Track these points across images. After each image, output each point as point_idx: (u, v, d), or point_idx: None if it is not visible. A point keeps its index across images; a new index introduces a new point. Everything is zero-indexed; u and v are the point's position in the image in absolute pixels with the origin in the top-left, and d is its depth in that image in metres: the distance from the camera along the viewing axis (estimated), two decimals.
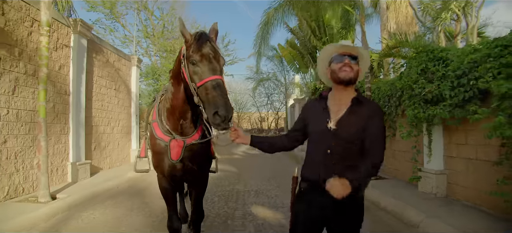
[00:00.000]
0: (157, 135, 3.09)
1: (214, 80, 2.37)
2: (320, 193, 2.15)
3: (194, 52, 2.47)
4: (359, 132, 2.17)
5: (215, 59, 2.49)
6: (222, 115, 2.24)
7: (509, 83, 3.88)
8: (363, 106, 2.22)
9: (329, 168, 2.16)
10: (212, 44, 2.54)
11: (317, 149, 2.29)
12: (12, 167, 6.23)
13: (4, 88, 6.05)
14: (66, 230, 4.94)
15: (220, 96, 2.30)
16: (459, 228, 4.35)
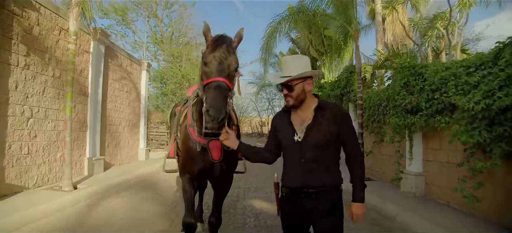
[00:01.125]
0: (194, 139, 3.08)
1: (217, 81, 2.45)
2: (302, 199, 2.30)
3: (208, 53, 2.60)
4: (328, 136, 2.26)
5: (225, 62, 2.55)
6: (211, 115, 2.31)
7: (464, 98, 4.69)
8: (326, 111, 2.32)
9: (307, 174, 2.27)
10: (226, 47, 2.60)
11: (292, 159, 2.36)
12: (40, 159, 7.04)
13: (36, 89, 6.86)
14: (90, 214, 5.71)
15: (216, 98, 2.37)
16: (429, 219, 5.12)
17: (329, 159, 2.30)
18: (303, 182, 2.28)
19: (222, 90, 2.41)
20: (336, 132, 2.26)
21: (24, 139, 6.56)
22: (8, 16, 6.07)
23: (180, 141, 3.46)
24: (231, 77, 2.59)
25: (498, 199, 4.81)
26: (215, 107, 2.31)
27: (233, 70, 2.59)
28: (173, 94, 15.75)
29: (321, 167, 2.26)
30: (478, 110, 4.47)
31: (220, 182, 3.49)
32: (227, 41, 2.65)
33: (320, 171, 2.26)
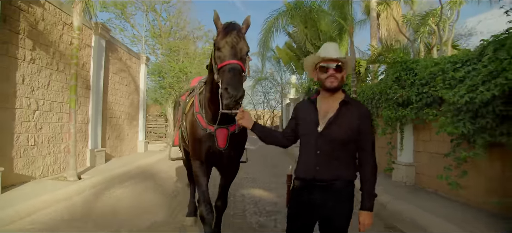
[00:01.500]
0: (202, 125, 3.20)
1: (232, 63, 2.55)
2: (312, 192, 2.30)
3: (220, 39, 2.70)
4: (349, 133, 2.25)
5: (237, 46, 2.66)
6: (230, 93, 2.39)
7: (451, 92, 5.00)
8: (351, 107, 2.31)
9: (319, 167, 2.26)
10: (237, 33, 2.71)
11: (308, 150, 2.34)
12: (46, 150, 7.29)
13: (41, 82, 7.10)
14: (96, 202, 5.99)
15: (233, 77, 2.46)
16: (417, 205, 5.45)
17: (345, 155, 2.28)
18: (315, 174, 2.28)
19: (237, 71, 2.53)
20: (357, 130, 2.25)
21: (31, 131, 6.80)
22: (15, 11, 6.29)
23: (188, 128, 3.56)
24: (243, 60, 2.70)
25: (480, 187, 5.15)
26: (232, 85, 2.40)
27: (244, 53, 2.72)
28: (171, 87, 15.96)
29: (335, 161, 2.26)
30: (463, 103, 4.78)
31: (227, 168, 3.60)
32: (237, 28, 2.77)
33: (333, 165, 2.26)
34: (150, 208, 5.63)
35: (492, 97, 4.33)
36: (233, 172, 3.70)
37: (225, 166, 3.55)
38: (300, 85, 22.68)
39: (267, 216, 5.08)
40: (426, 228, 4.62)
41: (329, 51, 2.29)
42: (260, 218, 5.00)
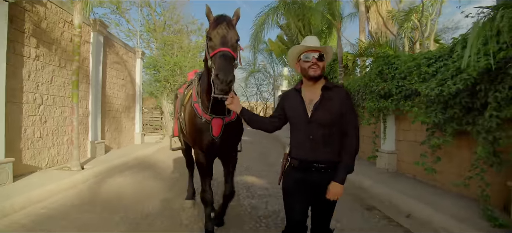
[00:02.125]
0: (199, 114, 3.38)
1: (222, 51, 2.75)
2: (308, 170, 2.51)
3: (211, 30, 2.92)
4: (334, 115, 2.45)
5: (227, 35, 2.86)
6: (221, 78, 2.59)
7: (423, 85, 5.53)
8: (333, 91, 2.50)
9: (314, 150, 2.48)
10: (227, 24, 2.91)
11: (302, 136, 2.54)
12: (50, 142, 7.71)
13: (45, 78, 7.49)
14: (101, 190, 6.44)
15: (223, 63, 2.66)
16: (395, 189, 5.99)
17: (334, 138, 2.47)
18: (311, 156, 2.48)
19: (228, 58, 2.73)
20: (340, 112, 2.45)
21: (36, 124, 7.22)
22: (21, 12, 6.66)
23: (186, 118, 3.79)
24: (234, 48, 2.89)
25: (451, 171, 5.70)
26: (223, 70, 2.61)
27: (234, 42, 2.91)
28: (166, 80, 16.33)
29: (328, 144, 2.46)
30: (434, 96, 5.30)
31: (226, 156, 3.86)
32: (227, 19, 2.97)
33: (328, 149, 2.46)
34: (152, 194, 6.09)
35: (458, 90, 4.86)
36: (231, 160, 3.91)
37: (223, 155, 3.82)
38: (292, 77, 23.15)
39: (259, 199, 5.58)
40: (400, 207, 5.17)
41: (311, 42, 2.54)
42: (252, 201, 5.50)
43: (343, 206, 5.40)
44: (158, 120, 17.44)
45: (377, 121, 8.06)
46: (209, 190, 3.81)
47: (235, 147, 3.90)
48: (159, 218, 4.69)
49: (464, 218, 4.37)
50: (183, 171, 8.25)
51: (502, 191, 4.51)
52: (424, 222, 4.54)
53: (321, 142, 2.46)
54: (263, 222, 4.53)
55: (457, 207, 4.87)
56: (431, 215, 4.62)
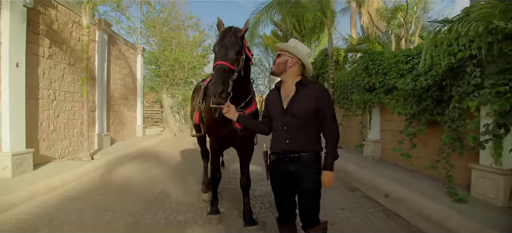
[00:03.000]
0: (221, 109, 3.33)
1: (218, 64, 2.91)
2: (285, 162, 2.64)
3: (215, 44, 3.12)
4: (308, 108, 2.58)
5: (225, 48, 2.99)
6: (211, 91, 2.81)
7: (400, 80, 6.22)
8: (308, 87, 2.64)
9: (288, 141, 2.61)
10: (229, 37, 3.06)
11: (277, 127, 2.70)
12: (62, 134, 8.36)
13: (57, 75, 8.12)
14: (112, 176, 7.10)
15: (215, 77, 2.84)
16: (378, 173, 6.69)
17: (309, 129, 2.61)
18: (285, 147, 2.63)
19: (221, 71, 2.87)
20: (315, 106, 2.59)
21: (50, 118, 7.86)
22: (36, 15, 7.27)
23: (207, 111, 4.01)
24: (233, 60, 2.99)
25: (426, 156, 6.40)
26: (213, 84, 2.80)
27: (234, 55, 2.99)
28: (166, 75, 16.95)
29: (300, 135, 2.60)
30: (409, 89, 5.99)
31: (243, 147, 4.07)
32: (232, 32, 3.11)
33: (301, 139, 2.60)
34: (158, 179, 6.76)
35: (429, 85, 5.55)
36: (249, 150, 4.14)
37: (241, 145, 4.03)
38: None
39: (255, 183, 6.23)
40: (380, 188, 5.88)
41: (279, 46, 2.83)
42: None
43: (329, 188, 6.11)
44: (159, 114, 18.10)
45: (364, 113, 8.76)
46: (219, 170, 4.24)
47: (252, 137, 4.07)
48: (167, 197, 5.37)
49: (432, 195, 5.06)
50: (183, 160, 8.96)
51: (465, 173, 5.21)
52: (399, 200, 5.23)
53: (295, 133, 2.60)
54: (258, 201, 5.22)
55: (428, 187, 5.56)
56: (405, 194, 5.32)
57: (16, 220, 4.27)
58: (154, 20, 18.03)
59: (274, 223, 3.95)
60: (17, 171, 6.17)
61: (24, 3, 6.40)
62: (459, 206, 4.49)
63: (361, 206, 5.15)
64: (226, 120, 3.34)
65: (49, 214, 4.55)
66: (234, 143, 4.00)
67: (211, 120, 3.85)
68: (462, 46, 4.70)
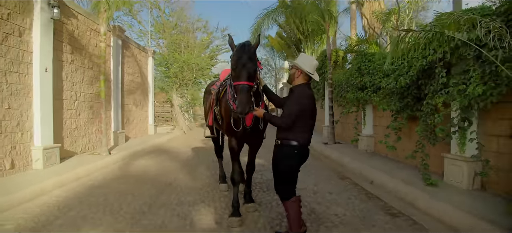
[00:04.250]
0: (234, 109, 3.85)
1: (241, 85, 3.39)
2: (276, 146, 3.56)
3: (234, 61, 3.50)
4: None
5: (245, 68, 3.42)
6: (238, 110, 3.31)
7: (384, 80, 6.94)
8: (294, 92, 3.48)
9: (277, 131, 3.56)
10: (247, 55, 3.47)
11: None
12: (83, 132, 9.23)
13: (78, 78, 8.99)
14: (129, 168, 7.93)
15: (241, 99, 3.32)
16: (368, 164, 7.41)
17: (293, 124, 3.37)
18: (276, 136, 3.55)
19: (245, 92, 3.35)
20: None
21: (73, 117, 8.74)
22: (60, 25, 8.12)
23: (223, 112, 4.48)
24: (253, 77, 3.50)
25: (410, 148, 7.10)
26: (241, 104, 3.30)
27: (253, 71, 3.49)
28: (175, 76, 17.82)
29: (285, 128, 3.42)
30: (391, 88, 6.72)
31: (254, 140, 4.55)
32: (247, 50, 3.52)
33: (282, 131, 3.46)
34: (170, 170, 7.59)
35: (408, 84, 6.28)
36: (258, 144, 4.66)
37: (252, 139, 4.50)
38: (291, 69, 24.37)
39: (256, 173, 7.01)
40: (367, 177, 6.61)
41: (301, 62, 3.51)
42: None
43: (322, 176, 6.88)
44: (169, 113, 18.99)
45: (358, 110, 9.50)
46: (238, 170, 4.48)
47: (261, 135, 4.51)
48: (179, 184, 6.18)
49: (410, 181, 5.77)
50: (192, 155, 9.78)
51: (440, 161, 5.92)
52: (381, 186, 5.98)
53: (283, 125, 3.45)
54: (258, 186, 6.00)
55: (408, 175, 6.27)
56: (387, 181, 6.05)
57: (50, 203, 5.07)
58: (163, 23, 18.88)
59: (269, 205, 4.92)
60: (47, 163, 7.03)
61: (52, 16, 7.25)
62: (429, 189, 5.20)
63: (347, 190, 5.87)
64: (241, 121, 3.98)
65: (78, 197, 5.38)
66: (248, 139, 4.42)
67: (230, 120, 4.18)
68: (431, 50, 5.41)
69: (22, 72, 6.66)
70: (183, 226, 4.09)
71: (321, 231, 3.88)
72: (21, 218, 4.36)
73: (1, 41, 6.13)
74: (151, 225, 4.12)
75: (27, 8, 6.82)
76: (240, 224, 4.11)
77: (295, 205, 3.39)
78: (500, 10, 4.48)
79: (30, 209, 4.73)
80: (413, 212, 4.59)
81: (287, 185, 3.47)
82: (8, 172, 6.22)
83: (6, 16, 6.25)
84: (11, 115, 6.37)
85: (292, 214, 3.38)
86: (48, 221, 4.26)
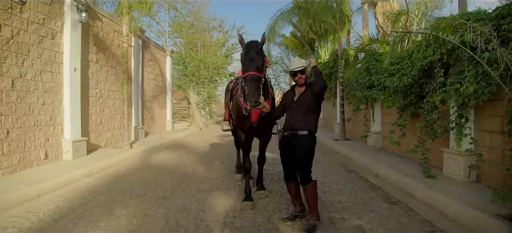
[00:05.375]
0: (242, 105, 4.29)
1: (250, 74, 3.66)
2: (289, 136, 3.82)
3: (243, 56, 3.83)
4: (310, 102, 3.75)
5: (253, 60, 3.72)
6: (250, 99, 3.55)
7: (389, 79, 7.33)
8: (312, 86, 3.76)
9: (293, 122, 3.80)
10: (255, 50, 3.79)
11: (288, 114, 3.92)
12: (106, 127, 9.87)
13: (102, 77, 9.63)
14: (150, 160, 8.52)
15: (249, 87, 3.59)
16: (375, 159, 7.81)
17: (309, 115, 3.75)
18: (291, 127, 3.77)
19: (254, 80, 3.65)
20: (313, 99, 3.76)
21: (97, 113, 9.38)
22: (87, 27, 8.75)
23: (233, 107, 4.87)
24: (260, 69, 3.80)
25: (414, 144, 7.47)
26: (251, 93, 3.57)
27: (260, 65, 3.79)
28: (192, 75, 18.45)
29: (302, 119, 3.73)
30: (396, 86, 7.11)
31: (262, 135, 4.90)
32: (255, 45, 3.88)
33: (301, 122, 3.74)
34: (188, 162, 8.15)
35: (410, 83, 6.67)
36: (266, 138, 5.02)
37: (261, 134, 4.85)
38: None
39: (269, 165, 7.50)
40: (372, 170, 7.02)
41: (294, 65, 3.80)
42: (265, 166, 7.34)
43: (330, 169, 7.33)
44: (186, 110, 19.66)
45: (367, 108, 9.88)
46: (248, 161, 4.91)
47: (269, 129, 4.88)
48: (196, 174, 6.73)
49: (411, 174, 6.16)
50: (209, 149, 10.32)
51: (441, 156, 6.29)
52: (384, 178, 6.38)
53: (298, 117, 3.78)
54: (269, 177, 6.50)
55: (410, 168, 6.66)
56: (390, 174, 6.44)
57: (82, 189, 5.66)
58: (180, 23, 19.52)
59: (279, 193, 5.39)
60: (76, 155, 7.67)
61: (81, 19, 7.89)
62: (428, 181, 5.59)
63: (352, 182, 6.30)
64: (248, 117, 4.36)
65: (106, 185, 5.97)
66: (256, 133, 4.78)
67: (239, 117, 4.65)
68: (431, 51, 5.81)
69: (54, 71, 7.30)
70: (202, 209, 4.60)
71: (323, 215, 4.32)
72: (59, 201, 4.95)
73: (38, 43, 6.78)
74: (173, 207, 4.66)
75: (59, 13, 7.46)
76: (252, 208, 4.60)
77: (315, 187, 3.85)
78: (492, 15, 4.85)
79: (66, 194, 5.34)
80: (410, 201, 4.99)
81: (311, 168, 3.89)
82: (42, 162, 6.87)
83: (42, 21, 6.89)
84: (45, 110, 7.02)
85: (313, 195, 3.80)
86: (82, 203, 4.83)
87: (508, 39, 4.50)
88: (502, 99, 4.80)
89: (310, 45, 19.81)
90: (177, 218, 4.22)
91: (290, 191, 4.08)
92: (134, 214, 4.39)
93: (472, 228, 3.81)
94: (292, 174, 3.99)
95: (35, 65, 6.73)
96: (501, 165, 4.99)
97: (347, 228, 3.93)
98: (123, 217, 4.29)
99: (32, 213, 4.37)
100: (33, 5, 6.65)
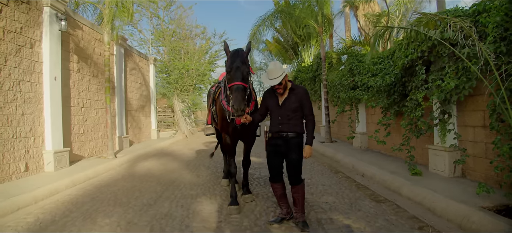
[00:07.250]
0: (225, 108, 4.36)
1: (236, 85, 3.70)
2: (278, 139, 3.82)
3: (228, 65, 3.84)
4: (294, 106, 3.76)
5: (238, 70, 3.75)
6: (235, 108, 3.60)
7: (371, 80, 7.38)
8: (295, 90, 3.81)
9: (282, 125, 3.79)
10: (240, 59, 3.81)
11: (274, 117, 3.89)
12: (89, 137, 9.69)
13: (84, 86, 9.46)
14: (134, 169, 8.38)
15: (236, 97, 3.61)
16: (360, 159, 7.84)
17: (295, 118, 3.80)
18: (279, 129, 3.80)
19: (240, 91, 3.67)
20: (299, 103, 3.78)
21: (80, 123, 9.20)
22: (67, 36, 8.60)
23: (217, 110, 4.94)
24: (246, 79, 3.85)
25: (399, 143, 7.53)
26: (236, 103, 3.61)
27: (246, 73, 3.84)
28: (176, 82, 18.31)
29: (290, 122, 3.77)
30: (379, 86, 7.16)
31: (246, 138, 4.97)
32: (240, 54, 3.89)
33: (289, 124, 3.78)
34: (174, 169, 8.05)
35: (393, 82, 6.73)
36: (250, 141, 5.08)
37: (245, 137, 4.93)
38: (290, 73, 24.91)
39: (255, 169, 7.47)
40: (358, 170, 7.04)
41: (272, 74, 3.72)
42: (251, 170, 7.36)
43: (317, 171, 7.31)
44: (171, 118, 19.49)
45: (351, 109, 9.95)
46: (234, 165, 4.84)
47: (253, 132, 4.93)
48: (182, 181, 6.63)
49: (397, 172, 6.20)
50: (194, 156, 10.21)
51: (426, 153, 6.35)
52: (371, 177, 6.40)
53: (286, 121, 3.79)
54: (255, 181, 6.44)
55: (396, 167, 6.71)
56: (376, 173, 6.46)
57: (64, 201, 5.51)
58: (163, 31, 19.40)
59: (265, 196, 5.32)
60: (58, 166, 7.48)
61: (60, 28, 7.74)
62: (414, 178, 5.62)
63: (339, 182, 6.30)
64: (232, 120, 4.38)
65: (90, 195, 5.83)
66: (241, 136, 4.83)
67: (223, 120, 4.66)
68: (412, 49, 5.87)
69: (33, 81, 7.13)
70: (187, 215, 4.52)
71: (310, 216, 4.29)
72: (40, 213, 4.80)
73: (15, 53, 6.61)
74: (158, 214, 4.56)
75: (37, 21, 7.31)
76: (239, 212, 4.53)
77: (304, 187, 3.89)
78: (469, 12, 4.94)
79: (47, 206, 5.18)
80: (397, 198, 5.01)
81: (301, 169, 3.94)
82: (23, 174, 6.68)
83: (19, 29, 6.73)
84: (25, 121, 6.84)
85: (303, 195, 3.86)
86: (64, 215, 4.69)
87: (485, 34, 4.58)
88: (483, 94, 4.89)
89: (293, 49, 19.90)
90: (162, 225, 4.14)
91: (276, 192, 4.04)
92: (117, 223, 4.28)
93: (458, 222, 3.82)
94: (279, 175, 3.97)
95: (13, 74, 6.56)
96: (484, 158, 5.06)
97: (335, 228, 3.89)
98: (106, 226, 4.18)
99: (10, 228, 4.22)
100: (9, 14, 6.50)
